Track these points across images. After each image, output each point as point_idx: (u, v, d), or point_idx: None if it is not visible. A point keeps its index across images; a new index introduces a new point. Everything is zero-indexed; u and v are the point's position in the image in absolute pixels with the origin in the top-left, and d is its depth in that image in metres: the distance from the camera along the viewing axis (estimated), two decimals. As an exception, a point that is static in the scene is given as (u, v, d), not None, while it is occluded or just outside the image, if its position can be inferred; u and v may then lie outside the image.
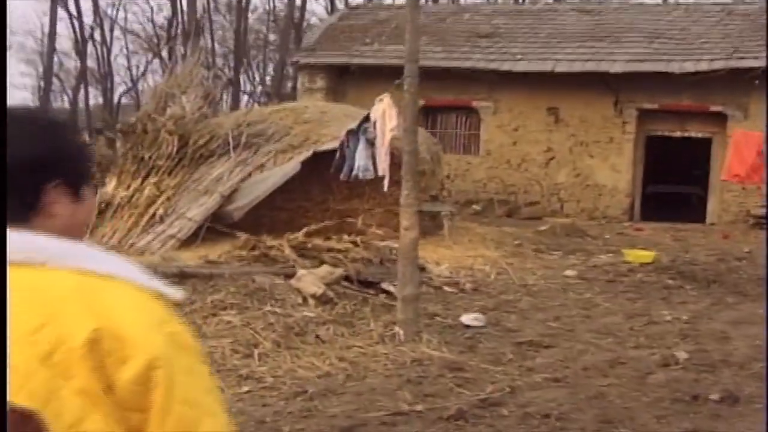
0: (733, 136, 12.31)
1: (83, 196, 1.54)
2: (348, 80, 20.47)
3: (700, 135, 20.10)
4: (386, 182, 10.29)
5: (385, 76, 20.17)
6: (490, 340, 8.61)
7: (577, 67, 19.40)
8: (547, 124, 20.41)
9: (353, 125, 10.94)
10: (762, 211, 18.79)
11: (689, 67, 18.70)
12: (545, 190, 20.59)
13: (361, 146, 10.51)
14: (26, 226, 1.44)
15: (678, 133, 20.15)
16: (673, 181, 22.07)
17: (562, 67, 19.43)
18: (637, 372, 7.60)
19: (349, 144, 10.54)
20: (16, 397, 1.28)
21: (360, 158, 10.48)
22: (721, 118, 19.55)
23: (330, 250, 9.80)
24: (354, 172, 10.68)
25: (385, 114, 10.14)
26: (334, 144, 11.67)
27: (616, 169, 20.17)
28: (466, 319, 9.24)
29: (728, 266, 13.61)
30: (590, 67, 19.35)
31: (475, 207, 20.34)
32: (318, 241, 10.00)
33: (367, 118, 10.70)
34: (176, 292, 1.49)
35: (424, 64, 19.95)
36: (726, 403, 6.79)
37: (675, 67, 18.80)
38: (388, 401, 6.60)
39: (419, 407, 6.46)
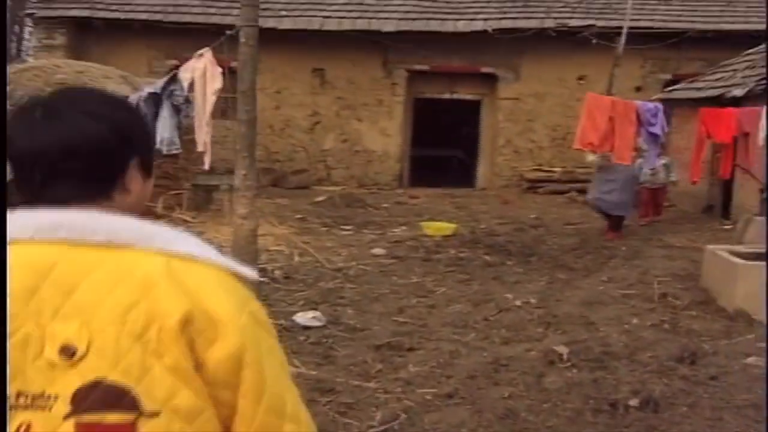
0: (586, 102, 11.49)
1: (150, 173, 1.59)
2: (91, 36, 17.98)
3: (469, 97, 19.53)
4: (207, 159, 8.42)
5: (134, 31, 18.00)
6: (342, 345, 7.20)
7: (347, 25, 18.12)
8: (313, 86, 19.05)
9: (154, 88, 8.83)
10: (537, 175, 18.58)
11: (464, 26, 17.98)
12: (311, 156, 19.26)
13: (165, 114, 8.42)
14: (109, 203, 1.50)
15: (447, 95, 19.46)
16: (442, 145, 21.53)
17: (330, 25, 18.08)
18: (528, 375, 6.53)
19: (146, 111, 8.42)
20: (110, 373, 1.34)
21: (163, 129, 8.39)
22: (491, 80, 19.08)
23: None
24: (156, 146, 8.66)
25: (207, 73, 8.26)
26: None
27: (385, 134, 19.20)
28: (303, 319, 7.76)
29: (530, 235, 13.02)
30: (361, 25, 18.14)
31: (238, 177, 18.63)
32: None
33: (173, 79, 8.71)
34: (251, 272, 1.52)
35: (177, 20, 18.11)
36: (649, 409, 5.89)
37: (450, 27, 18.01)
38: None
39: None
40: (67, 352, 1.35)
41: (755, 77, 13.42)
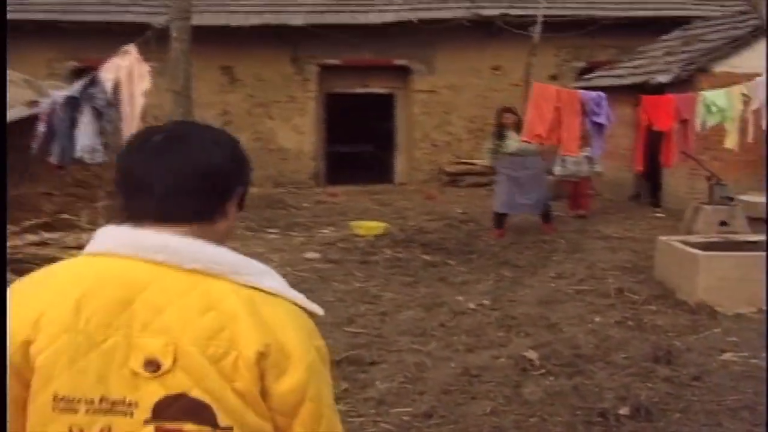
0: (533, 92, 10.98)
1: (243, 205, 1.76)
2: (-17, 37, 16.81)
3: (382, 91, 19.06)
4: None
5: (30, 33, 16.94)
6: (298, 362, 6.61)
7: (255, 20, 17.41)
8: (221, 84, 18.30)
9: (72, 91, 7.97)
10: (458, 168, 18.25)
11: (375, 18, 17.48)
12: (224, 157, 18.48)
13: (85, 119, 7.58)
14: (211, 225, 1.64)
15: (360, 89, 18.95)
16: (355, 141, 21.04)
17: (237, 21, 17.33)
18: (504, 386, 6.11)
19: (63, 117, 7.54)
20: (193, 389, 1.48)
21: (83, 136, 7.57)
22: (405, 73, 18.65)
23: (54, 259, 7.13)
24: (77, 154, 7.78)
25: (133, 72, 7.51)
26: (18, 114, 8.66)
27: (299, 131, 18.58)
28: (250, 335, 7.13)
29: (463, 232, 12.63)
30: (269, 19, 17.46)
31: (147, 181, 17.78)
32: (32, 249, 7.21)
33: (93, 81, 7.92)
34: (317, 308, 1.67)
35: (75, 19, 17.13)
36: (641, 417, 5.53)
37: (361, 19, 17.49)
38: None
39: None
40: (152, 366, 1.48)
41: (678, 63, 13.31)
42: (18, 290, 1.60)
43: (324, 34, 17.64)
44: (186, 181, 1.58)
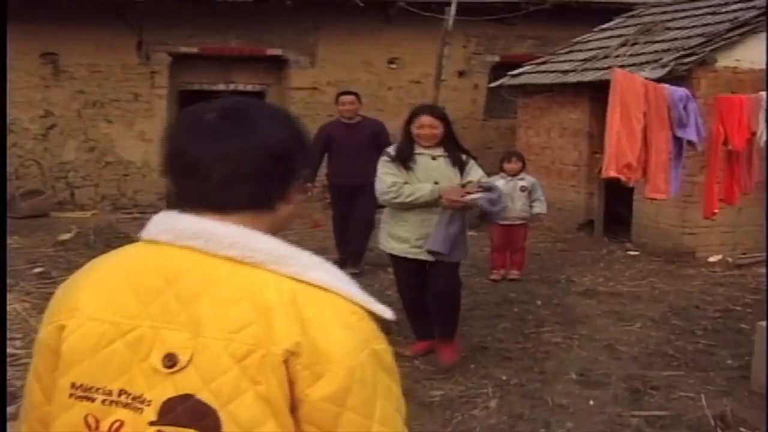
0: (616, 87, 6.93)
1: (305, 191, 1.56)
2: None
3: (249, 87, 15.30)
4: None
5: None
6: None
7: (85, -8, 13.32)
8: (43, 77, 14.09)
9: None
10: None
11: (245, -5, 13.71)
12: (47, 172, 14.31)
13: None
14: (271, 212, 1.48)
15: (222, 86, 15.13)
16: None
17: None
18: None
19: None
20: (201, 390, 1.29)
21: None
22: (279, 65, 14.98)
23: None
24: None
25: None
26: None
27: (145, 138, 14.56)
28: None
29: (388, 285, 9.12)
30: (105, -7, 13.42)
31: (-59, 205, 13.39)
32: None
33: None
34: (385, 310, 1.43)
35: None
36: None
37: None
38: None
39: None
40: (170, 361, 1.32)
41: (667, 53, 10.19)
42: (76, 274, 1.51)
43: (177, 13, 13.81)
44: (246, 165, 1.42)
